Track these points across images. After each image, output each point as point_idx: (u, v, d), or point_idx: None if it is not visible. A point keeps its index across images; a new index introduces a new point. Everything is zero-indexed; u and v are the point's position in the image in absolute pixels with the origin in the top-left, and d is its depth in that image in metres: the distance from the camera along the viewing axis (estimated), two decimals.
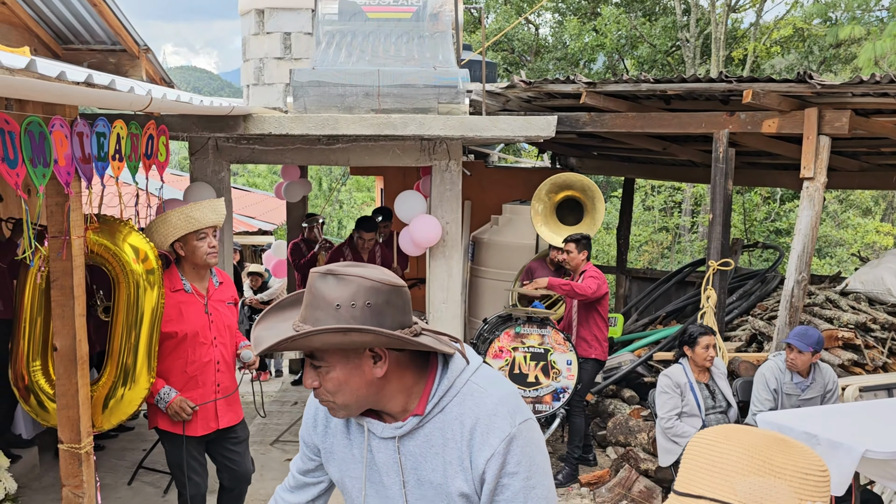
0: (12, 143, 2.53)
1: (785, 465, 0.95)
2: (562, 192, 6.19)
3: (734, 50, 18.77)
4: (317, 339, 1.42)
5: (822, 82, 4.66)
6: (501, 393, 1.53)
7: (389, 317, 1.46)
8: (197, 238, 3.48)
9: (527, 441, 1.48)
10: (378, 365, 1.50)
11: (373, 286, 1.45)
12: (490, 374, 1.58)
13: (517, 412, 1.50)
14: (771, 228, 16.34)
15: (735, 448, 0.99)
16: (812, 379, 4.53)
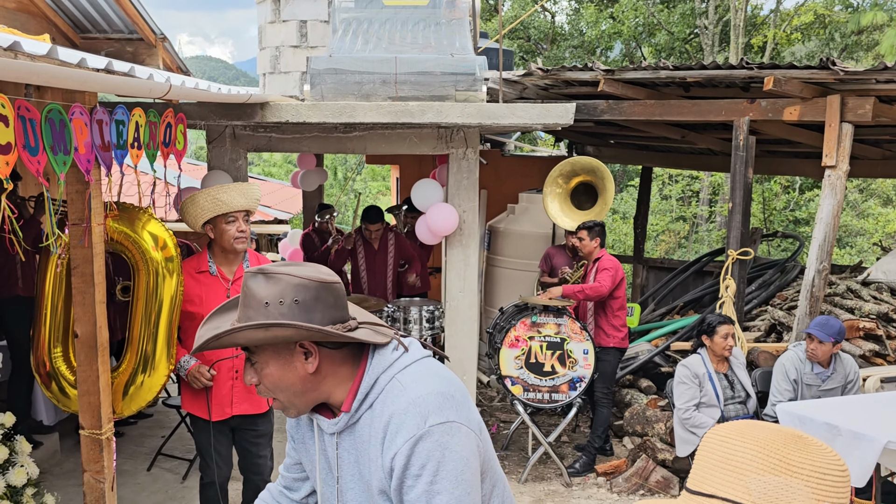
0: (33, 131, 2.54)
1: (802, 463, 0.92)
2: (574, 178, 6.15)
3: (754, 37, 18.55)
4: (241, 335, 1.46)
5: (845, 69, 4.59)
6: (420, 392, 1.47)
7: (318, 312, 1.49)
8: (225, 221, 3.46)
9: (437, 444, 1.42)
10: (309, 361, 1.51)
11: (300, 283, 1.48)
12: (419, 370, 1.53)
13: (433, 413, 1.44)
14: (790, 218, 16.18)
15: (749, 445, 0.95)
16: (833, 369, 4.48)
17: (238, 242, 3.49)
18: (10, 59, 1.71)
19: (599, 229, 5.34)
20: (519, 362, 5.16)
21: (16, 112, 2.41)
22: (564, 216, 6.12)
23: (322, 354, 1.52)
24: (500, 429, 6.17)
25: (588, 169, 6.11)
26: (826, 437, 3.61)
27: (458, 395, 1.51)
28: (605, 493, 5.02)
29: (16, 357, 5.06)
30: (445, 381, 1.52)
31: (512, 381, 5.17)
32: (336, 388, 1.56)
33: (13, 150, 2.41)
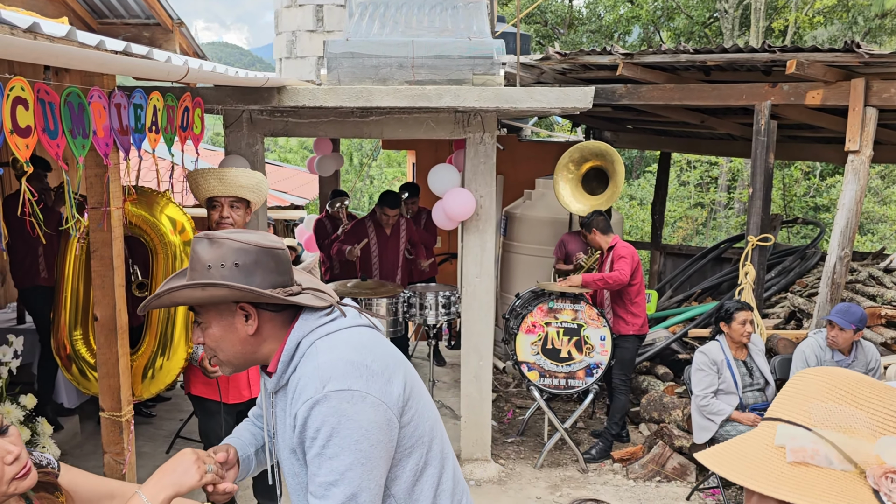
0: (52, 114, 2.54)
1: (871, 398, 0.92)
2: (585, 164, 6.10)
3: (775, 20, 18.27)
4: (180, 294, 1.54)
5: (870, 51, 4.51)
6: (328, 358, 1.52)
7: (258, 276, 1.55)
8: (210, 206, 3.48)
9: (333, 410, 1.46)
10: (248, 322, 1.58)
11: (241, 247, 1.55)
12: (341, 338, 1.57)
13: (334, 379, 1.48)
14: (811, 204, 15.99)
15: (823, 378, 0.97)
16: (854, 357, 4.43)
17: (220, 228, 3.45)
18: (29, 40, 1.70)
19: (601, 220, 5.29)
20: (535, 348, 5.15)
21: (35, 95, 2.42)
22: (576, 202, 6.08)
23: (262, 317, 1.59)
24: (516, 414, 6.17)
25: (598, 153, 6.06)
26: None
27: (376, 367, 1.53)
28: (622, 479, 5.01)
29: (44, 342, 5.12)
30: (363, 351, 1.54)
31: (528, 367, 5.16)
32: (273, 351, 1.62)
33: (33, 133, 2.42)
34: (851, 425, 0.91)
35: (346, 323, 1.60)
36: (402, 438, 1.56)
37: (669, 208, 16.78)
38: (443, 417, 5.97)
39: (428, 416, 1.64)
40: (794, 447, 0.92)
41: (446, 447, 1.71)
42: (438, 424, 1.70)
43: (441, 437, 1.69)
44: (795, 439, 0.93)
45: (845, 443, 0.90)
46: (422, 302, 5.65)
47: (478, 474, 5.00)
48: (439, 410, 6.04)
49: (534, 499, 4.72)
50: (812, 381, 0.97)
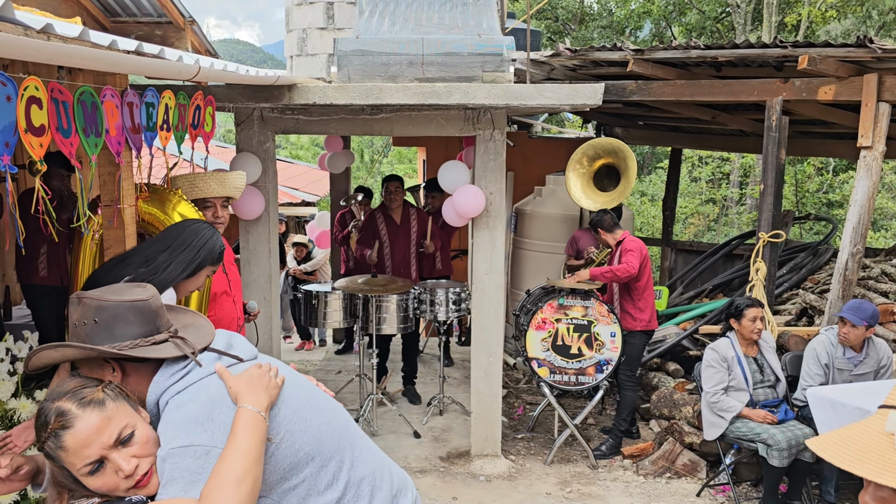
0: (66, 113, 2.57)
1: None
2: (597, 161, 6.10)
3: (787, 15, 18.14)
4: (43, 355, 1.64)
5: (883, 46, 4.48)
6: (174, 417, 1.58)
7: (119, 329, 1.63)
8: (202, 207, 3.58)
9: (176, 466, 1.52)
10: (115, 374, 1.66)
11: (99, 305, 1.63)
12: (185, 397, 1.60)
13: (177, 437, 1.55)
14: (823, 200, 15.88)
15: None
16: (865, 354, 4.41)
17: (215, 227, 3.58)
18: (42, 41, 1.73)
19: (606, 219, 5.30)
20: (546, 344, 5.16)
21: (49, 95, 2.45)
22: (587, 198, 6.08)
23: (128, 368, 1.66)
24: (526, 411, 6.18)
25: (610, 150, 6.05)
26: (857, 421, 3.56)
27: (224, 418, 1.57)
28: (632, 475, 5.01)
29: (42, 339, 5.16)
30: (209, 405, 1.58)
31: (538, 364, 5.17)
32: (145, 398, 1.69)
33: (47, 131, 2.45)
34: None
35: (198, 375, 1.63)
36: (275, 462, 1.62)
37: (680, 205, 16.72)
38: (453, 413, 6.01)
39: (311, 434, 1.69)
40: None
41: (357, 458, 1.78)
42: (331, 438, 1.74)
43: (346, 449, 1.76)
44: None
45: None
46: (432, 298, 5.67)
47: (488, 470, 5.02)
48: (449, 406, 6.09)
49: (543, 494, 4.73)
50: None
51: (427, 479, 4.90)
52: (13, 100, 2.26)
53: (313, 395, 1.78)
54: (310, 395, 1.77)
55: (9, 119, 2.22)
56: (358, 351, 6.00)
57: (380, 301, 5.48)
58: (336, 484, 1.71)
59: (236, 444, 1.51)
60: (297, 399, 1.71)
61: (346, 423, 1.83)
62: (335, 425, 1.77)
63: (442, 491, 4.75)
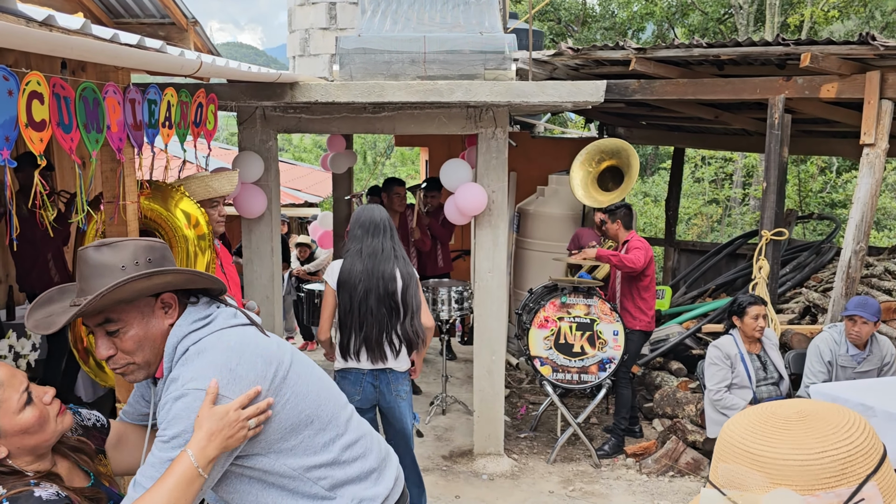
0: (67, 109, 2.57)
1: (763, 452, 0.94)
2: (602, 164, 6.10)
3: (790, 16, 18.13)
4: (123, 290, 1.56)
5: (885, 43, 4.47)
6: (196, 363, 1.61)
7: (169, 267, 1.65)
8: (211, 206, 3.71)
9: (186, 406, 1.57)
10: (169, 313, 1.67)
11: (148, 245, 1.64)
12: (207, 343, 1.63)
13: (195, 380, 1.58)
14: (826, 200, 15.85)
15: (724, 433, 1.01)
16: (869, 351, 4.40)
17: (220, 225, 3.77)
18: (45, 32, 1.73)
19: (623, 211, 5.28)
20: (548, 343, 5.15)
21: (51, 90, 2.45)
22: (590, 197, 6.07)
23: (180, 306, 1.69)
24: (529, 410, 6.17)
25: (614, 152, 6.04)
26: None
27: (241, 370, 1.62)
28: (635, 473, 5.00)
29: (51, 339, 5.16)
30: (230, 354, 1.62)
31: (541, 362, 5.17)
32: None
33: (48, 127, 2.45)
34: (748, 484, 0.94)
35: (220, 324, 1.67)
36: (278, 422, 1.67)
37: (684, 205, 16.70)
38: (456, 412, 6.01)
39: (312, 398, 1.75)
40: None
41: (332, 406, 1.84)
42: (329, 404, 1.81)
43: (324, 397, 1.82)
44: (704, 501, 0.97)
45: (744, 500, 0.93)
46: (435, 297, 5.66)
47: (491, 468, 5.01)
48: (452, 405, 6.08)
49: (546, 493, 4.72)
50: (723, 440, 1.01)
51: (430, 478, 4.89)
52: (14, 94, 2.27)
53: (313, 366, 1.86)
54: (311, 364, 1.85)
55: (10, 114, 2.23)
56: None
57: None
58: (331, 446, 1.78)
59: (160, 491, 1.49)
60: (301, 365, 1.77)
61: (339, 394, 1.91)
62: (333, 392, 1.86)
63: (445, 489, 4.74)
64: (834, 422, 0.94)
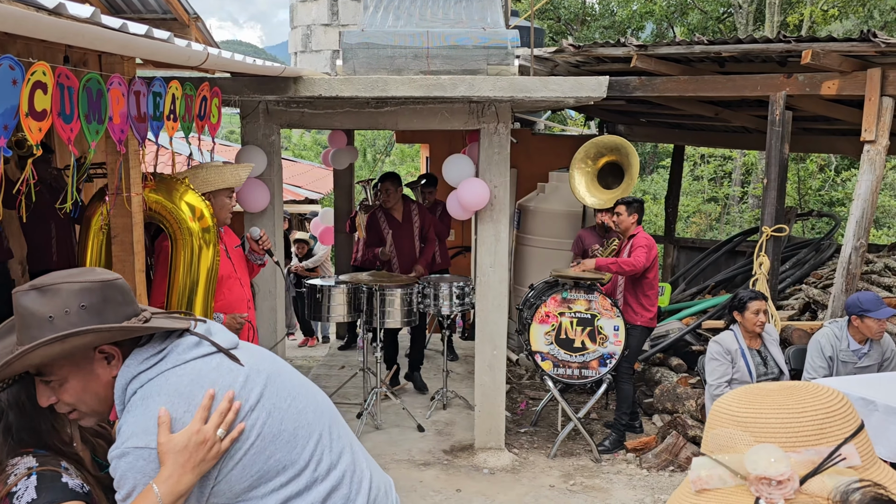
0: (70, 99, 2.58)
1: (747, 414, 0.99)
2: (601, 159, 6.11)
3: (790, 15, 18.15)
4: (36, 354, 1.39)
5: (886, 40, 4.49)
6: (139, 410, 1.44)
7: (110, 312, 1.45)
8: (227, 195, 3.80)
9: (130, 467, 1.41)
10: (112, 364, 1.48)
11: (83, 288, 1.44)
12: (153, 387, 1.45)
13: (135, 436, 1.41)
14: (826, 198, 15.89)
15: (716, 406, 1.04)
16: (870, 347, 4.42)
17: (229, 216, 3.91)
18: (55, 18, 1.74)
19: (638, 206, 5.30)
20: (549, 338, 5.16)
21: (55, 80, 2.46)
22: (591, 196, 6.08)
23: (123, 355, 1.48)
24: (529, 405, 6.19)
25: (613, 148, 6.06)
26: (862, 412, 3.57)
27: (188, 417, 1.42)
28: (635, 468, 5.02)
29: None
30: (177, 400, 1.44)
31: (542, 357, 5.18)
32: None
33: (48, 116, 2.45)
34: (734, 445, 0.97)
35: (172, 362, 1.47)
36: (244, 467, 1.47)
37: (683, 203, 16.73)
38: (457, 407, 6.02)
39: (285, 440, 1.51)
40: (693, 478, 0.99)
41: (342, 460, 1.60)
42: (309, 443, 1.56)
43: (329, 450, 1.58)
44: (694, 470, 0.99)
45: (731, 461, 0.96)
46: (436, 292, 5.68)
47: (491, 463, 5.03)
48: (453, 400, 6.10)
49: (547, 487, 4.74)
50: (712, 412, 1.05)
51: (431, 472, 4.91)
52: (18, 84, 2.27)
53: (294, 394, 1.58)
54: (291, 393, 1.58)
55: (11, 102, 2.23)
56: (361, 346, 6.01)
57: (384, 294, 5.49)
58: (307, 495, 1.54)
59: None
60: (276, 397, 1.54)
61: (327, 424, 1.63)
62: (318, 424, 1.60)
63: (446, 483, 4.76)
64: (813, 389, 1.00)
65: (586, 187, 6.14)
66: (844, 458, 0.93)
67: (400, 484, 4.68)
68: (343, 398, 6.20)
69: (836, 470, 0.92)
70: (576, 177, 6.12)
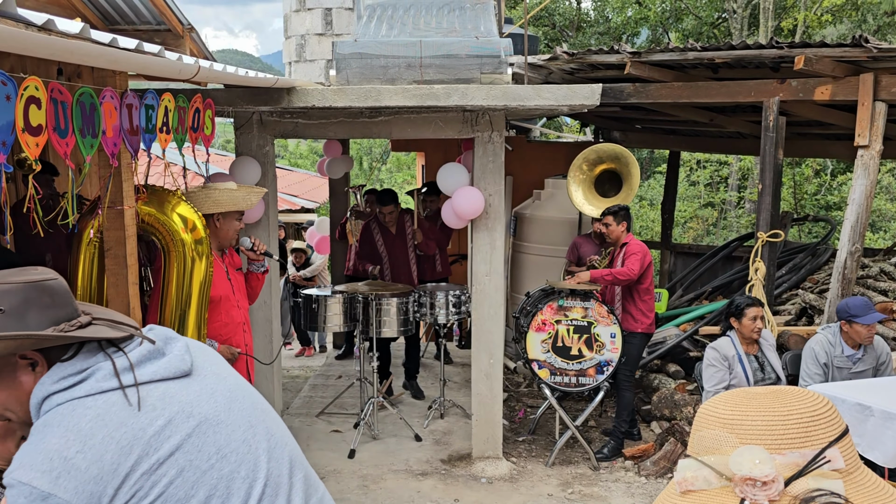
0: (64, 114, 2.58)
1: (733, 417, 0.99)
2: (599, 166, 6.11)
3: (784, 20, 18.22)
4: None
5: (878, 45, 4.51)
6: (33, 440, 1.28)
7: (33, 317, 1.32)
8: (237, 217, 3.83)
9: (13, 501, 1.24)
10: (38, 370, 1.34)
11: (2, 290, 1.31)
12: (55, 416, 1.27)
13: (22, 468, 1.24)
14: (822, 203, 15.92)
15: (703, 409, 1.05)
16: (864, 351, 4.42)
17: (236, 236, 3.91)
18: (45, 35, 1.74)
19: (625, 213, 5.30)
20: (546, 346, 5.16)
21: (49, 94, 2.46)
22: (588, 204, 6.09)
23: (50, 361, 1.34)
24: (527, 413, 6.18)
25: (612, 156, 6.07)
26: (858, 417, 3.56)
27: (79, 460, 1.23)
28: (633, 476, 5.00)
29: None
30: (72, 438, 1.25)
31: (539, 365, 5.17)
32: None
33: (44, 131, 2.45)
34: (719, 446, 0.98)
35: (88, 388, 1.29)
36: None
37: (679, 208, 16.75)
38: (454, 416, 6.01)
39: (203, 495, 1.29)
40: (678, 479, 1.00)
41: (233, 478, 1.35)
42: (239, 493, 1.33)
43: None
44: (680, 471, 1.00)
45: (716, 462, 0.97)
46: (432, 301, 5.67)
47: (489, 472, 5.01)
48: (450, 409, 6.08)
49: (545, 496, 4.72)
50: (698, 415, 1.05)
51: (429, 482, 4.89)
52: (12, 99, 2.27)
53: (226, 440, 1.35)
54: (224, 441, 1.35)
55: (7, 118, 2.23)
56: (358, 355, 6.00)
57: (380, 304, 5.49)
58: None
59: None
60: (197, 453, 1.31)
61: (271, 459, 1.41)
62: (253, 468, 1.37)
63: (444, 493, 4.74)
64: (798, 393, 1.01)
65: (583, 195, 6.14)
66: (829, 461, 0.93)
67: (397, 494, 4.68)
68: (340, 408, 6.18)
69: (820, 473, 0.93)
70: (573, 185, 6.13)
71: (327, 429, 5.79)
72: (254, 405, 1.46)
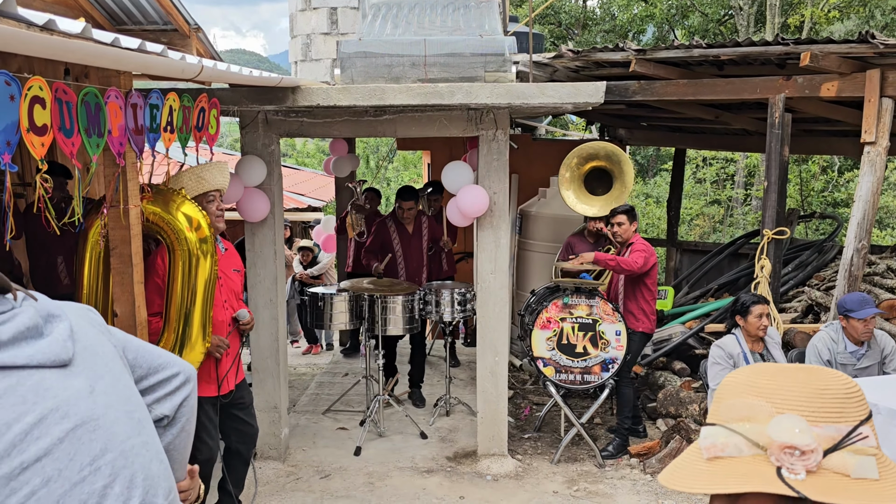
0: (69, 114, 2.60)
1: (767, 385, 0.98)
2: (588, 163, 6.05)
3: (790, 17, 18.14)
4: None
5: (885, 41, 4.48)
6: None
7: None
8: (207, 200, 3.65)
9: None
10: None
11: None
12: None
13: None
14: (829, 200, 15.84)
15: (729, 378, 1.04)
16: (867, 347, 4.40)
17: (219, 221, 3.68)
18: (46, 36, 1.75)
19: (634, 212, 5.30)
20: (551, 343, 5.16)
21: (53, 95, 2.48)
22: (581, 203, 6.00)
23: None
24: (532, 411, 6.18)
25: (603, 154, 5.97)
26: None
27: None
28: (639, 473, 5.00)
29: None
30: None
31: (544, 363, 5.17)
32: None
33: (49, 131, 2.47)
34: (754, 414, 0.97)
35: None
36: None
37: (686, 206, 16.70)
38: (460, 414, 6.01)
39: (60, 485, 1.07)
40: (706, 445, 0.99)
41: None
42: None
43: None
44: (708, 438, 0.99)
45: (750, 430, 0.96)
46: (437, 299, 5.68)
47: (495, 469, 5.02)
48: (456, 407, 6.08)
49: (551, 493, 4.72)
50: (724, 384, 1.04)
51: (434, 479, 4.90)
52: (16, 99, 2.29)
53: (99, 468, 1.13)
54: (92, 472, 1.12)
55: (11, 118, 2.25)
56: (364, 353, 6.01)
57: (385, 302, 5.50)
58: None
59: None
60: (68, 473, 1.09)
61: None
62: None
63: (449, 490, 4.75)
64: (831, 372, 1.00)
65: (575, 195, 6.05)
66: (866, 437, 0.93)
67: (403, 491, 4.69)
68: (346, 405, 6.20)
69: (856, 448, 0.92)
70: (563, 185, 6.03)
71: (333, 426, 5.81)
72: (129, 413, 1.24)
